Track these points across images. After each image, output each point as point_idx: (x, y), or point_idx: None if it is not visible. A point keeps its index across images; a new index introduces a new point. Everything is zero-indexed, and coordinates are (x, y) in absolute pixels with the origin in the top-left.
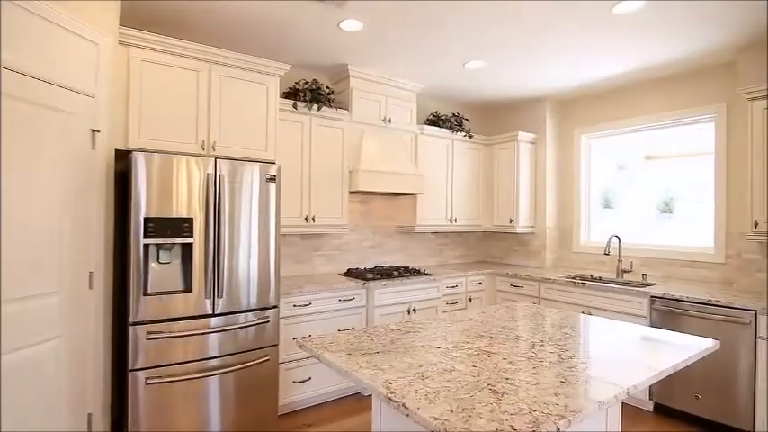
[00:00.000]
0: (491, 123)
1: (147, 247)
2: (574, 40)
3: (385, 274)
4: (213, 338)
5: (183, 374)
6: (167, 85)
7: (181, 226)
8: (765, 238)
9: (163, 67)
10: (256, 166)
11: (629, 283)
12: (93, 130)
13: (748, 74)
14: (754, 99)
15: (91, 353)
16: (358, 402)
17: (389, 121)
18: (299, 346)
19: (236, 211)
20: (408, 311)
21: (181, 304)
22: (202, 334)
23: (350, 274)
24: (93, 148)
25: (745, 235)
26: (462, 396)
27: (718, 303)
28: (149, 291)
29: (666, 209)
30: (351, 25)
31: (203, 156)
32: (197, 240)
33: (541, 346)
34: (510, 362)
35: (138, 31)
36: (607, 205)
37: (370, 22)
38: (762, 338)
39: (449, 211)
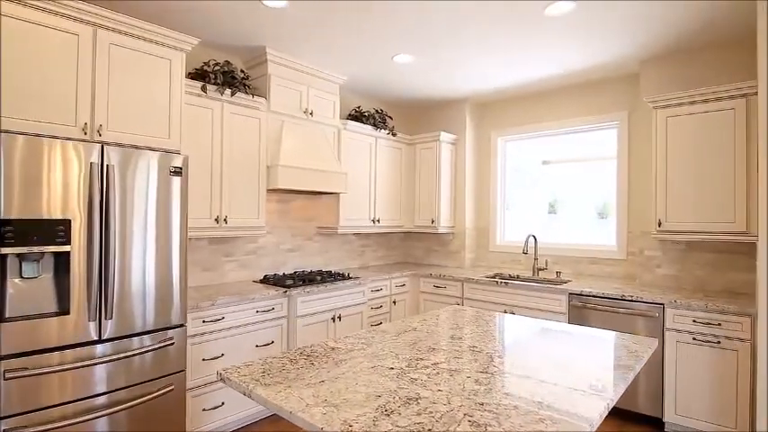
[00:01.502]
0: (413, 123)
1: (3, 258)
2: (505, 40)
3: (307, 279)
4: (100, 371)
5: (60, 420)
6: (36, 51)
7: (53, 230)
8: (669, 236)
9: (29, 26)
10: (156, 156)
11: (548, 281)
12: None
13: (650, 84)
14: (657, 108)
15: None
16: (277, 424)
17: (311, 114)
18: (222, 381)
19: (129, 211)
20: (333, 319)
21: (55, 331)
22: (85, 366)
23: (267, 281)
24: None
25: (647, 233)
26: None
27: (631, 299)
28: (7, 315)
29: (552, 210)
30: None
31: (86, 141)
32: (76, 248)
33: (500, 357)
34: (476, 381)
35: None
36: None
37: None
38: (669, 330)
39: (372, 211)
